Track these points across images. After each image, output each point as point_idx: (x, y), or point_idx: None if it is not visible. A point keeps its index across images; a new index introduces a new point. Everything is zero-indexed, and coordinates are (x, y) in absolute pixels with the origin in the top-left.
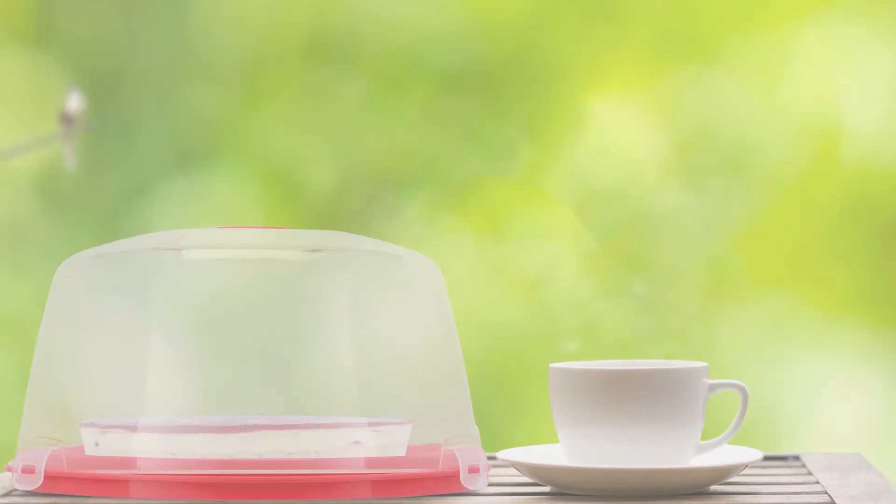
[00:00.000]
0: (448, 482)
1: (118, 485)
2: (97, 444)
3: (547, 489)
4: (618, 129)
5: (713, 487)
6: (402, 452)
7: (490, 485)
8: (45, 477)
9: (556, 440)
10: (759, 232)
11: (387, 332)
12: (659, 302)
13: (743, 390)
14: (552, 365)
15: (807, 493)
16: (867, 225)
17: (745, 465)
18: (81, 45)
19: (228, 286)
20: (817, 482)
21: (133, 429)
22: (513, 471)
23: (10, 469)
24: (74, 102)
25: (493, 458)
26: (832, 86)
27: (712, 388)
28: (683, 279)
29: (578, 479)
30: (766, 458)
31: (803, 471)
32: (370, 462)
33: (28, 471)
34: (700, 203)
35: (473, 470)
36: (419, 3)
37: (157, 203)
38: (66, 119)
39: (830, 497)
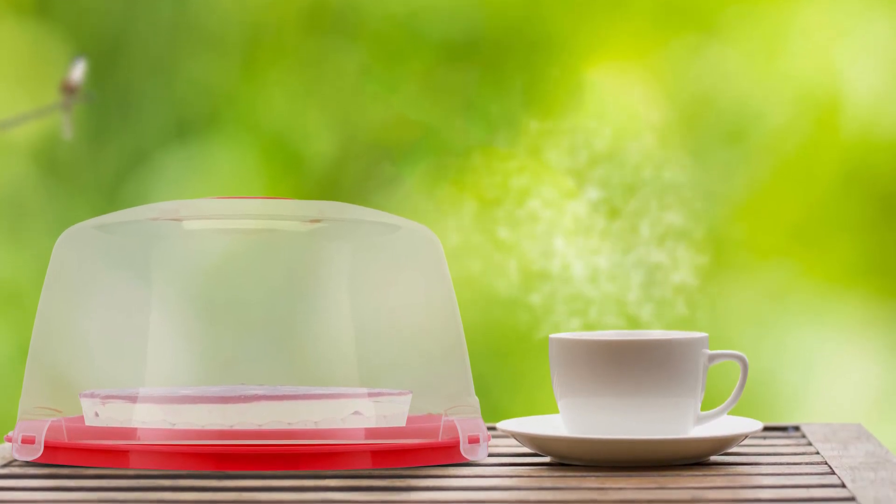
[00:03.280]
0: (448, 452)
1: (118, 455)
2: (97, 415)
3: (547, 459)
4: (618, 99)
5: (713, 458)
6: (402, 423)
7: (490, 455)
8: (44, 447)
9: (556, 411)
10: (759, 202)
11: (387, 302)
12: (659, 272)
13: (743, 361)
14: (552, 335)
15: (807, 463)
16: (866, 195)
17: (745, 436)
18: (82, 16)
19: (228, 257)
20: (817, 452)
21: (133, 399)
22: (513, 441)
23: (9, 439)
24: (78, 73)
25: (493, 428)
26: (831, 56)
27: (712, 358)
28: (683, 249)
29: (578, 450)
30: (766, 429)
31: (803, 441)
32: (370, 432)
33: (28, 441)
34: (700, 173)
35: (473, 440)
36: None
37: (157, 173)
38: (68, 89)
39: (830, 467)
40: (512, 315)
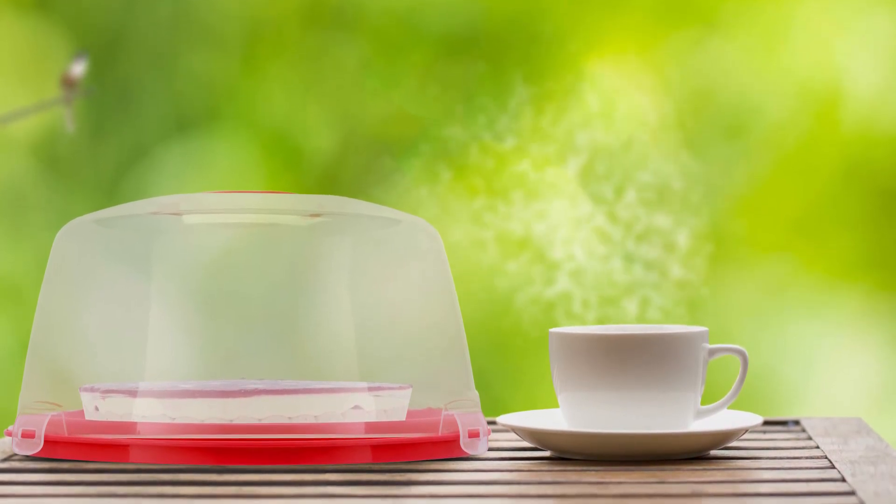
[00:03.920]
0: (448, 447)
1: (118, 449)
2: (97, 409)
3: (547, 454)
4: (618, 93)
5: (713, 452)
6: (402, 417)
7: (490, 449)
8: (44, 442)
9: (556, 405)
10: (759, 196)
11: (387, 296)
12: (659, 266)
13: (743, 355)
14: (552, 330)
15: (807, 457)
16: (866, 189)
17: (745, 430)
18: (82, 10)
19: (228, 251)
20: (817, 447)
21: (133, 393)
22: (513, 435)
23: (9, 434)
24: (78, 67)
25: (493, 422)
26: (832, 51)
27: (712, 352)
28: (683, 243)
29: (578, 444)
30: (766, 423)
31: (803, 435)
32: (370, 427)
33: (28, 435)
34: (700, 167)
35: (473, 434)
36: None
37: (157, 168)
38: (68, 83)
39: (830, 461)
40: (512, 309)
